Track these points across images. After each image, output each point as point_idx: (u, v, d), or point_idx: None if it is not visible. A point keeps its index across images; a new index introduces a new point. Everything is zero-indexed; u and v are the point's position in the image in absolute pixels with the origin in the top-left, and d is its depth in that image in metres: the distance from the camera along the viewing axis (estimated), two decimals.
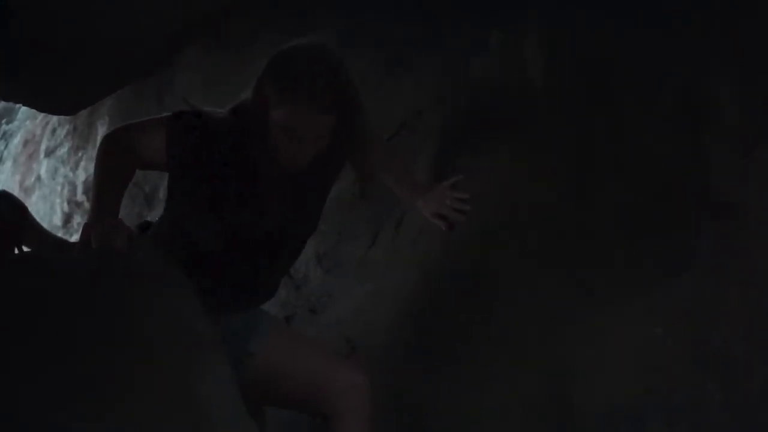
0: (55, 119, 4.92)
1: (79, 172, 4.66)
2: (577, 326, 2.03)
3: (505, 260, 2.22)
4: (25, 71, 3.02)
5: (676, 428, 1.78)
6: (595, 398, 1.93)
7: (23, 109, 5.36)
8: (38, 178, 5.03)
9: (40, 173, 5.02)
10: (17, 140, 5.46)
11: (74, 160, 4.72)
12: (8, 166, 5.40)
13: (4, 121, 5.76)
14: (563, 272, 2.11)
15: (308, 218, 2.13)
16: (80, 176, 4.64)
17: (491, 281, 2.22)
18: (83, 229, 1.83)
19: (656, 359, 1.87)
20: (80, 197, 4.62)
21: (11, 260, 2.19)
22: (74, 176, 4.69)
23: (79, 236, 1.84)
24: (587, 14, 2.27)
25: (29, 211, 2.65)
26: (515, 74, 2.37)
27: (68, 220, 4.69)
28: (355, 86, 1.91)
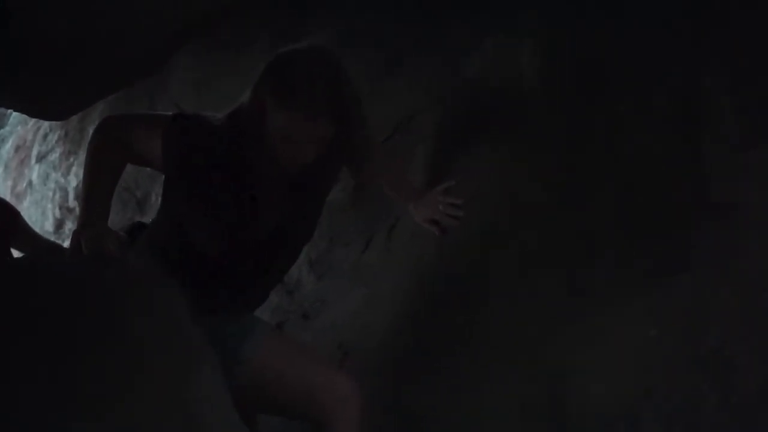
0: (46, 124, 4.91)
1: (70, 177, 4.64)
2: (574, 327, 2.02)
3: (501, 262, 2.22)
4: (16, 76, 3.00)
5: (673, 429, 1.78)
6: (592, 399, 1.92)
7: (15, 114, 5.34)
8: (30, 183, 5.01)
9: (31, 179, 5.00)
10: (8, 145, 5.44)
11: (66, 165, 4.70)
12: None
13: None
14: (560, 273, 2.10)
15: (305, 222, 2.12)
16: (72, 182, 4.62)
17: (486, 283, 2.22)
18: (73, 235, 1.83)
19: (654, 360, 1.87)
20: (72, 203, 4.60)
21: (3, 264, 2.19)
22: (66, 182, 4.67)
23: (69, 242, 1.83)
24: (583, 14, 2.28)
25: (21, 215, 2.64)
26: (512, 75, 2.37)
27: (60, 225, 4.67)
28: (355, 91, 1.89)
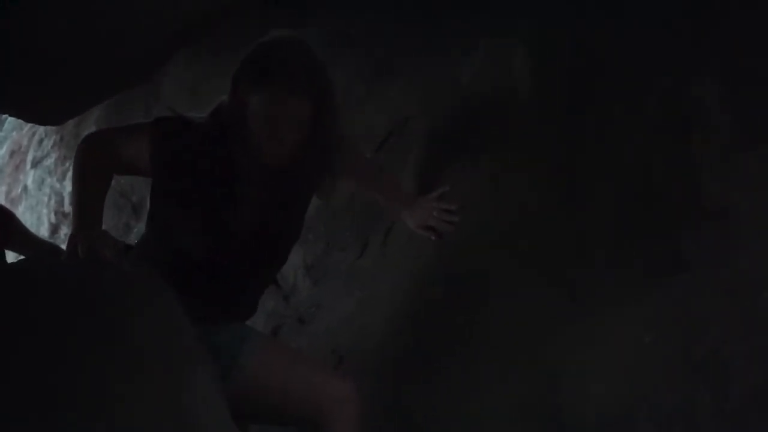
0: (41, 129, 4.90)
1: (66, 182, 4.63)
2: (569, 330, 2.03)
3: (496, 265, 2.22)
4: (11, 81, 3.00)
5: (670, 430, 1.78)
6: (587, 402, 1.92)
7: (10, 119, 5.33)
8: (25, 188, 5.00)
9: (26, 184, 4.99)
10: (3, 150, 5.43)
11: (61, 170, 4.69)
12: None
13: None
14: (554, 277, 2.11)
15: (289, 219, 2.12)
16: (67, 187, 4.61)
17: (482, 287, 2.22)
18: (69, 239, 1.83)
19: (651, 361, 1.87)
20: (67, 208, 4.59)
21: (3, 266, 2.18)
22: (61, 187, 4.67)
23: (65, 247, 1.83)
24: (579, 16, 2.28)
25: (16, 217, 2.63)
26: (506, 77, 2.38)
27: (55, 230, 4.66)
28: (330, 79, 1.93)
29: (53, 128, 4.69)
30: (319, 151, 1.99)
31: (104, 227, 1.98)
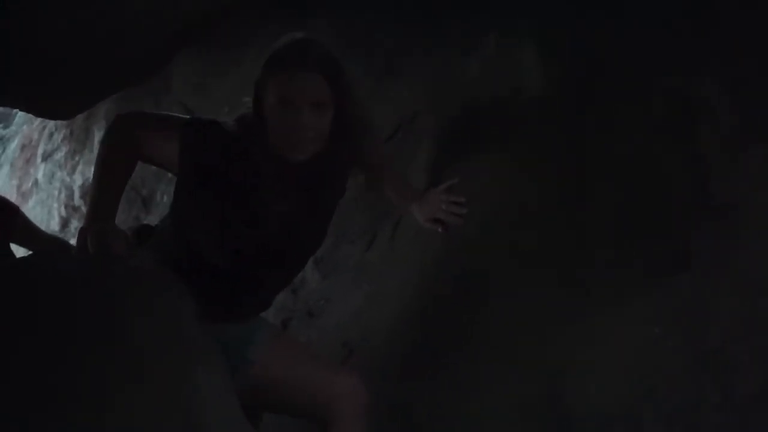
0: (51, 123, 4.92)
1: (76, 176, 4.65)
2: (575, 327, 2.03)
3: (502, 262, 2.22)
4: (21, 76, 3.00)
5: (673, 429, 1.78)
6: (592, 399, 1.92)
7: (20, 113, 5.36)
8: (35, 182, 5.02)
9: (37, 177, 5.02)
10: (14, 145, 5.46)
11: (71, 164, 4.71)
12: (5, 170, 5.40)
13: (0, 125, 5.76)
14: (560, 273, 2.10)
15: (313, 222, 2.08)
16: (77, 180, 4.63)
17: (489, 283, 2.22)
18: (79, 232, 1.83)
19: (654, 360, 1.87)
20: (77, 202, 4.61)
21: (8, 262, 2.18)
22: (71, 180, 4.69)
23: (75, 240, 1.84)
24: (583, 15, 2.28)
25: (21, 211, 2.63)
26: (511, 75, 2.37)
27: (65, 224, 4.69)
28: (350, 76, 1.93)
29: (63, 122, 4.71)
30: (344, 141, 1.95)
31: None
